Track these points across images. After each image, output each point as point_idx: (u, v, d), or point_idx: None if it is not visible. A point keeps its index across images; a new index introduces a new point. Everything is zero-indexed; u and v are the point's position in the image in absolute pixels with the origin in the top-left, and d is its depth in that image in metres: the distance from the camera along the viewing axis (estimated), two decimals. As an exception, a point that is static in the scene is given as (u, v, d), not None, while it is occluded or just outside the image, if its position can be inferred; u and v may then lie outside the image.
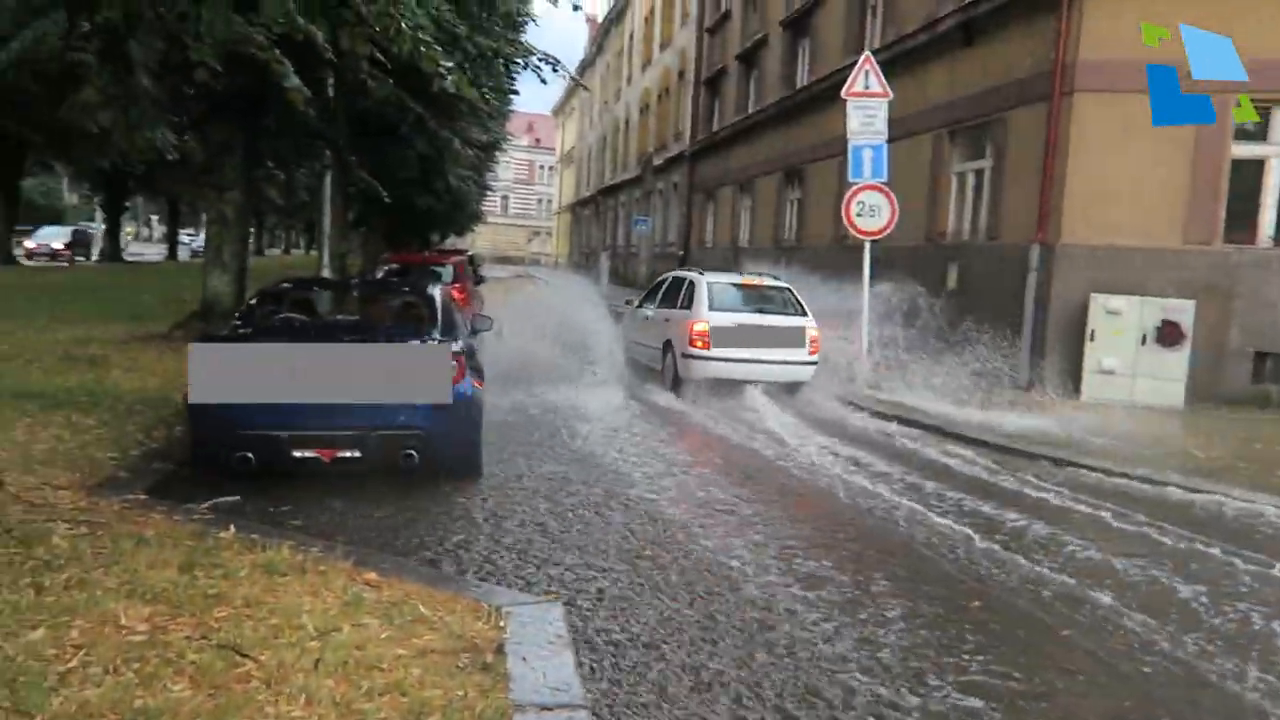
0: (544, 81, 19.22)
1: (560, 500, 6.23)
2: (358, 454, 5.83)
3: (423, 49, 4.95)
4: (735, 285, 11.62)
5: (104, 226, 37.63)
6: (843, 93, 12.45)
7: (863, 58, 12.50)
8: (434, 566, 4.81)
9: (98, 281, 21.69)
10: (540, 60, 13.31)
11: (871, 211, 12.09)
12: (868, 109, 12.18)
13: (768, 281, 11.69)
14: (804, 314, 11.12)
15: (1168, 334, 10.93)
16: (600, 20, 57.02)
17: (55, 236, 36.55)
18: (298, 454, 5.75)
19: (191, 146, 14.42)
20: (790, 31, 22.41)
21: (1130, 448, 8.42)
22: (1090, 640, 4.28)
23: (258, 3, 5.93)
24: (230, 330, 6.53)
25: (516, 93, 33.60)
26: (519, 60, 14.08)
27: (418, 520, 5.60)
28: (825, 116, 18.53)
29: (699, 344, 10.63)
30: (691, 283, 11.45)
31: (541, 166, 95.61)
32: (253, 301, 6.93)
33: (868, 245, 12.22)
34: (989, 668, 3.92)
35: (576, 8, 12.45)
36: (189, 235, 50.39)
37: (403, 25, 4.93)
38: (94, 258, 36.73)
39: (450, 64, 4.86)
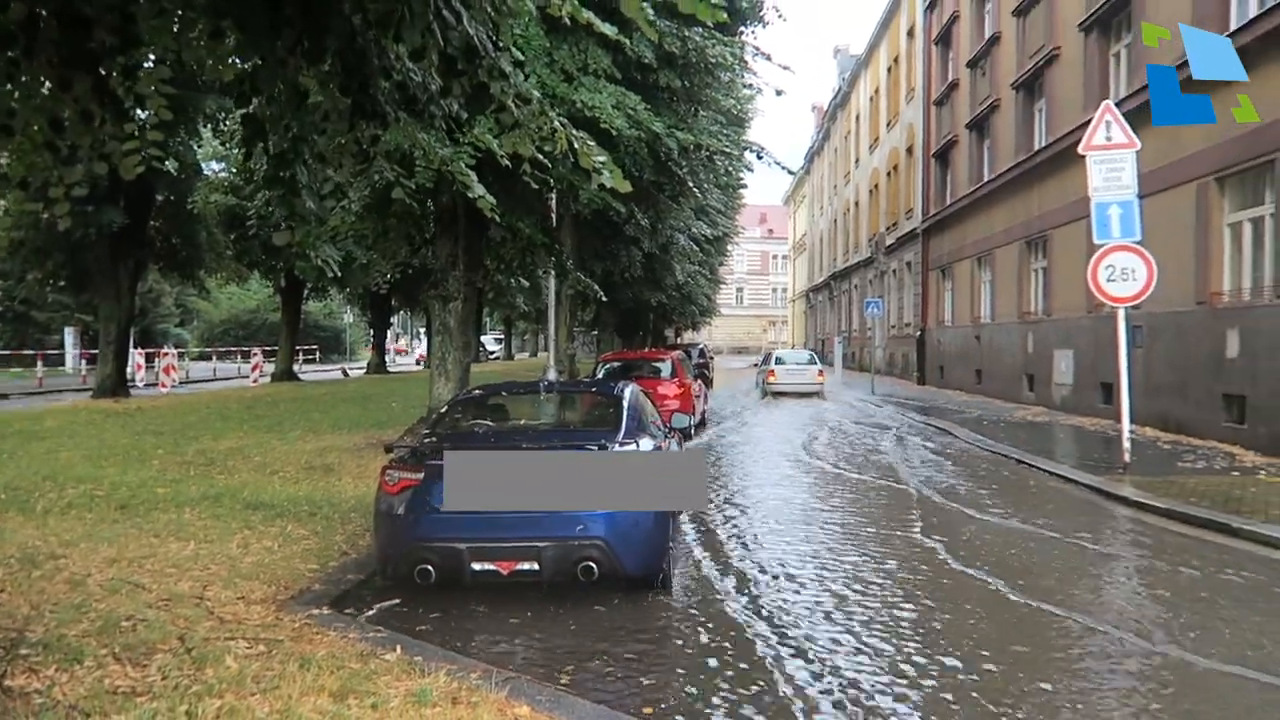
0: (749, 169, 19.18)
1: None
2: (535, 566, 5.51)
3: (576, 143, 4.77)
4: (787, 353, 29.65)
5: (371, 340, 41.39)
6: (1080, 148, 11.24)
7: (1102, 107, 11.25)
8: (604, 700, 4.35)
9: (359, 392, 23.66)
10: (744, 150, 13.11)
11: (1124, 275, 10.67)
12: (1112, 162, 10.88)
13: (805, 352, 30.32)
14: (816, 363, 26.89)
15: None
16: (825, 107, 57.07)
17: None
18: (476, 566, 5.52)
19: (430, 261, 15.41)
20: (1023, 92, 21.07)
21: None
22: None
23: (460, 124, 6.09)
24: (417, 441, 6.54)
25: (744, 186, 34.02)
26: (727, 152, 13.97)
27: (606, 629, 5.19)
28: (1067, 178, 17.08)
29: (771, 377, 26.07)
30: (769, 354, 29.46)
31: (775, 256, 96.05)
32: (443, 410, 6.97)
33: (1121, 313, 10.80)
34: None
35: (779, 93, 12.24)
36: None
37: (556, 124, 4.80)
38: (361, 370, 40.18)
39: (604, 159, 4.62)
